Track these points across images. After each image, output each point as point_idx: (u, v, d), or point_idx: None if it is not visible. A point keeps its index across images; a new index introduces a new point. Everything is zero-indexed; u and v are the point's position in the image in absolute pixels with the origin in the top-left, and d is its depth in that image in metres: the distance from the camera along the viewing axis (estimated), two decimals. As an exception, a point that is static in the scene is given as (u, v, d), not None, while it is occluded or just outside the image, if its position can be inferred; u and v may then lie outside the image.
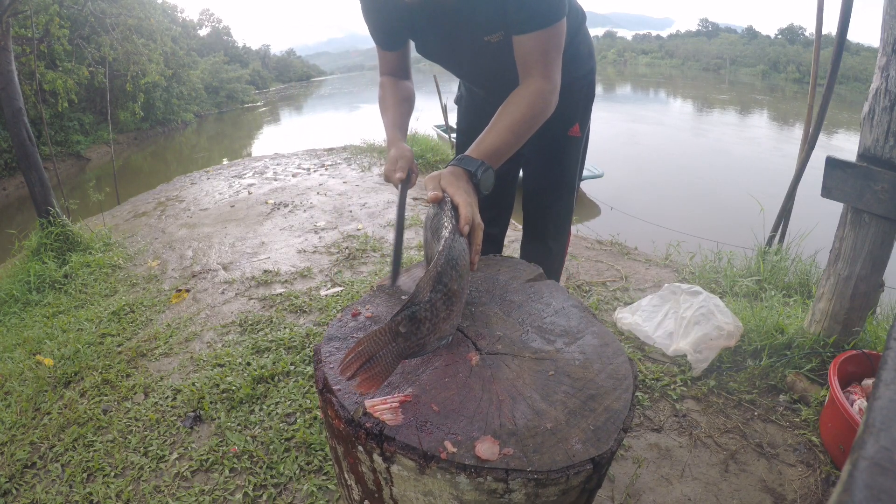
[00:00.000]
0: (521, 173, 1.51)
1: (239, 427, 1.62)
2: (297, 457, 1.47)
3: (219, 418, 1.66)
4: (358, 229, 3.53)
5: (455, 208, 0.83)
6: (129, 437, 1.63)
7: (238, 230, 3.83)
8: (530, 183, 1.43)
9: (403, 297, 0.88)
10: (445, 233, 0.75)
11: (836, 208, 1.65)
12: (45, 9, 6.40)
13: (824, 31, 2.58)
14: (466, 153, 0.94)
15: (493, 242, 1.59)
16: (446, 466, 0.55)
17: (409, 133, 6.45)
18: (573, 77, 1.22)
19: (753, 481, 1.33)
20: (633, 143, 10.28)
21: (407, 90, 1.22)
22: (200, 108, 22.28)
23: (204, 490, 1.40)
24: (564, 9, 0.96)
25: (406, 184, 1.05)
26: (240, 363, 1.95)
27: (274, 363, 1.91)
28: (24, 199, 8.29)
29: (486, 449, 0.56)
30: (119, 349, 2.19)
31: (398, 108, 1.18)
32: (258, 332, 2.20)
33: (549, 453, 0.56)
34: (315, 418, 1.62)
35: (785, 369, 1.67)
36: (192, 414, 1.70)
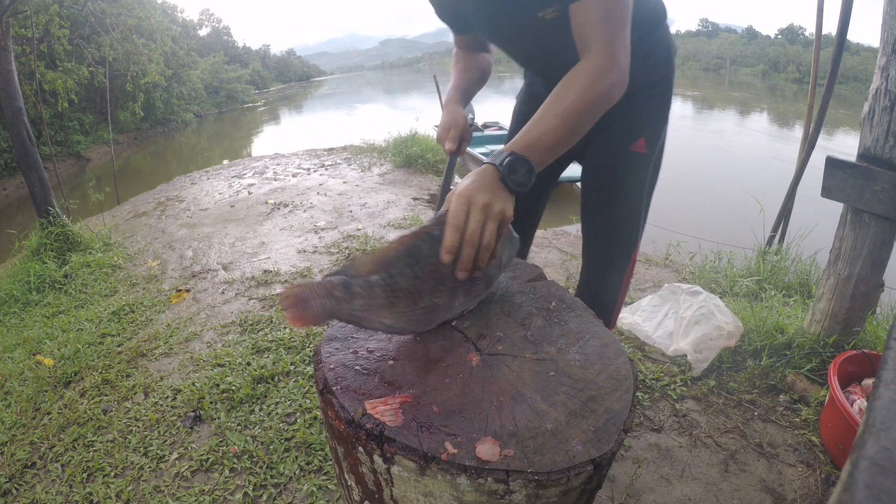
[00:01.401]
0: (546, 196, 1.37)
1: (239, 427, 1.62)
2: (297, 457, 1.48)
3: (219, 418, 1.66)
4: (358, 229, 3.53)
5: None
6: (129, 437, 1.63)
7: (238, 230, 3.83)
8: (585, 201, 1.26)
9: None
10: (418, 229, 0.73)
11: (836, 208, 1.65)
12: (45, 9, 6.41)
13: (824, 31, 2.58)
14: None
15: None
16: (447, 467, 0.55)
17: (408, 133, 6.37)
18: (642, 84, 1.06)
19: (753, 481, 1.33)
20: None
21: (480, 60, 1.18)
22: (200, 108, 22.28)
23: (204, 490, 1.40)
24: None
25: (455, 154, 1.05)
26: (240, 363, 1.95)
27: (274, 363, 1.91)
28: (24, 199, 8.29)
29: (487, 450, 0.56)
30: (119, 349, 2.19)
31: (464, 73, 1.16)
32: (258, 332, 2.20)
33: (550, 454, 0.56)
34: (315, 418, 1.62)
35: (785, 369, 1.67)
36: (192, 414, 1.70)
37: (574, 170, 1.50)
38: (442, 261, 0.71)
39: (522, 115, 1.30)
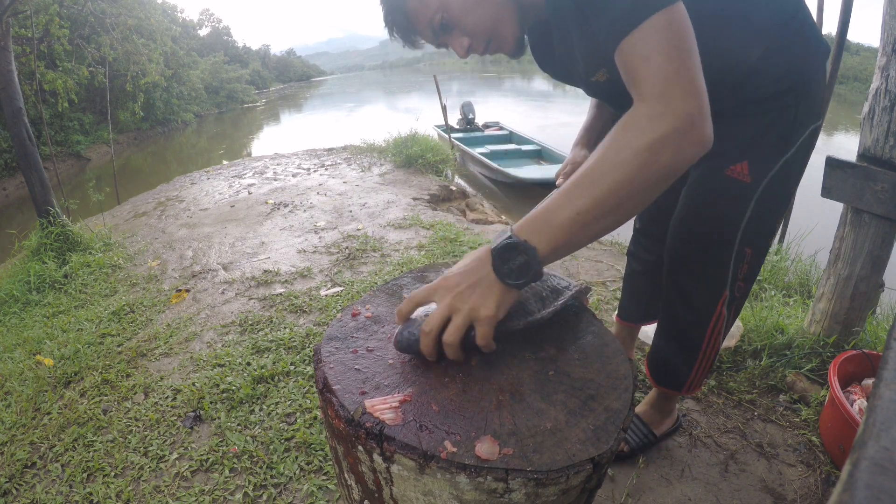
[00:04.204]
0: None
1: (239, 427, 1.62)
2: (297, 457, 1.47)
3: (219, 418, 1.66)
4: (358, 229, 3.53)
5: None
6: (129, 437, 1.63)
7: (238, 230, 3.83)
8: (670, 229, 1.09)
9: (405, 295, 0.88)
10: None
11: (836, 208, 1.65)
12: (45, 9, 6.41)
13: (824, 31, 2.58)
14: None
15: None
16: (446, 466, 0.55)
17: (408, 133, 6.37)
18: (747, 97, 0.89)
19: (753, 481, 1.33)
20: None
21: None
22: (200, 108, 22.33)
23: (204, 490, 1.40)
24: None
25: None
26: (240, 363, 1.95)
27: (274, 363, 1.91)
28: (24, 199, 8.30)
29: (486, 449, 0.56)
30: (119, 349, 2.19)
31: (598, 110, 1.18)
32: (258, 332, 2.20)
33: (549, 453, 0.56)
34: (315, 418, 1.62)
35: (785, 369, 1.67)
36: (192, 414, 1.70)
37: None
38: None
39: None
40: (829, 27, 2.75)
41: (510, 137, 8.37)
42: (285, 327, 2.20)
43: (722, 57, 0.84)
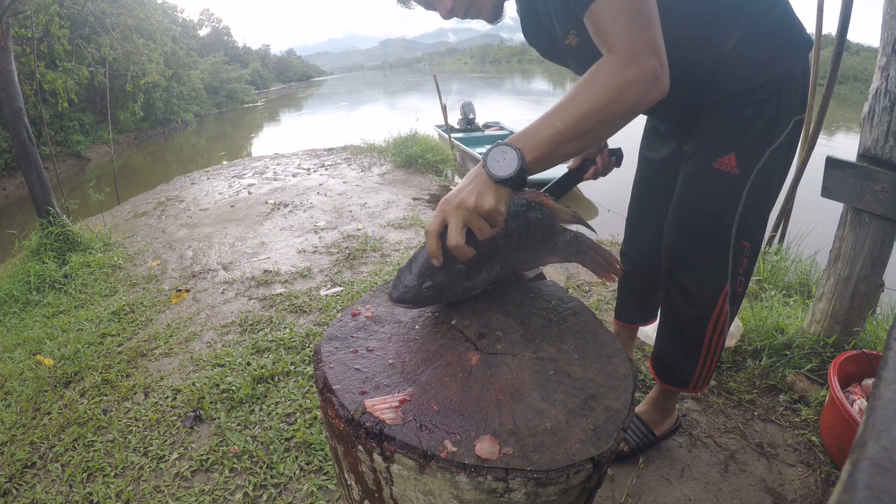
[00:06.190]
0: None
1: (239, 427, 1.62)
2: (297, 457, 1.47)
3: (219, 418, 1.66)
4: (358, 229, 3.53)
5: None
6: (129, 437, 1.63)
7: (238, 230, 3.83)
8: (666, 227, 1.13)
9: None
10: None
11: (836, 208, 1.65)
12: (45, 9, 6.42)
13: (824, 31, 2.58)
14: None
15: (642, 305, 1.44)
16: (446, 466, 0.55)
17: (408, 133, 6.37)
18: (731, 90, 0.94)
19: (753, 481, 1.33)
20: (628, 141, 10.25)
21: None
22: (200, 108, 22.34)
23: (204, 490, 1.40)
24: None
25: (578, 170, 1.14)
26: (240, 363, 1.94)
27: (274, 363, 1.91)
28: (24, 199, 8.30)
29: (486, 448, 0.56)
30: (119, 349, 2.19)
31: None
32: (258, 332, 2.20)
33: (549, 452, 0.56)
34: (315, 418, 1.62)
35: (785, 369, 1.67)
36: (192, 414, 1.70)
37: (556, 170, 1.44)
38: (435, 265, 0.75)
39: (642, 145, 1.32)
40: (829, 27, 2.75)
41: (510, 137, 8.36)
42: (285, 327, 2.20)
43: (694, 47, 0.90)
